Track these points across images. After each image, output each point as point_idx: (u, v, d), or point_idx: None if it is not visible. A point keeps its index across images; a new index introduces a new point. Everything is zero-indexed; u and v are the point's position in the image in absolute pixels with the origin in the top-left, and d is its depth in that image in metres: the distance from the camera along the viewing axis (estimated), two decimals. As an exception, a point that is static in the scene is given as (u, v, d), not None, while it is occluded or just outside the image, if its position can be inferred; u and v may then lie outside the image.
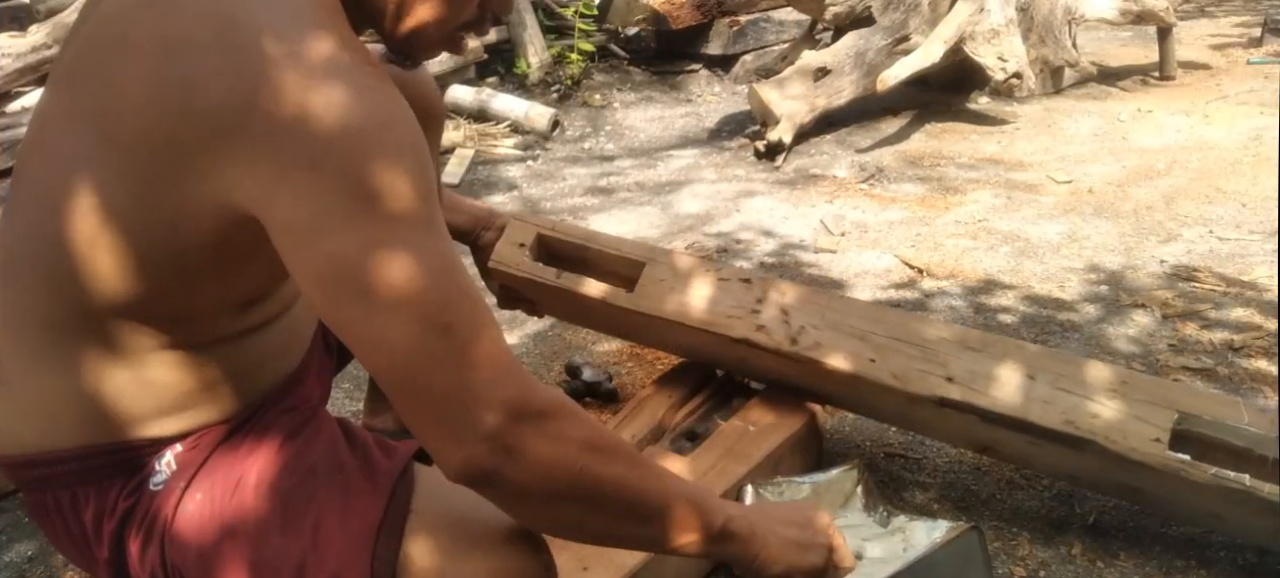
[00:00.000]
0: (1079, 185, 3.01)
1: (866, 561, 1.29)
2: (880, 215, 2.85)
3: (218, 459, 0.91)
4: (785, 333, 1.46)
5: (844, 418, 1.73)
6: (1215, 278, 2.28)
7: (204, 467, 0.90)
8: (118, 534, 0.90)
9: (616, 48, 4.75)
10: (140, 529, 0.89)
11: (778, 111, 3.44)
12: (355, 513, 0.86)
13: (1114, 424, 1.31)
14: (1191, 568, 1.36)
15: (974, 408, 1.36)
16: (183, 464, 0.89)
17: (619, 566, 1.17)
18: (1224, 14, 5.67)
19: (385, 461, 0.91)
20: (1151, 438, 1.28)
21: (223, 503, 0.88)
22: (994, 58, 3.71)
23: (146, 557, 0.89)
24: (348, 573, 0.83)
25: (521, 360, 0.82)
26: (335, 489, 0.88)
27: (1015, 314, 2.15)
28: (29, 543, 1.51)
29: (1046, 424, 1.32)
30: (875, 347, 1.43)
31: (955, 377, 1.38)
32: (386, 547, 0.84)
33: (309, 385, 1.04)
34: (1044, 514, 1.49)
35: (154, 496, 0.89)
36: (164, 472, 0.89)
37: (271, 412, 0.96)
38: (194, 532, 0.88)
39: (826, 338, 1.45)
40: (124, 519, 0.89)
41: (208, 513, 0.88)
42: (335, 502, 0.87)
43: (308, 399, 1.03)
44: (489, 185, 3.41)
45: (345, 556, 0.84)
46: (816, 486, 1.39)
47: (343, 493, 0.88)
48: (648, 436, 1.47)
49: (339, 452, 0.93)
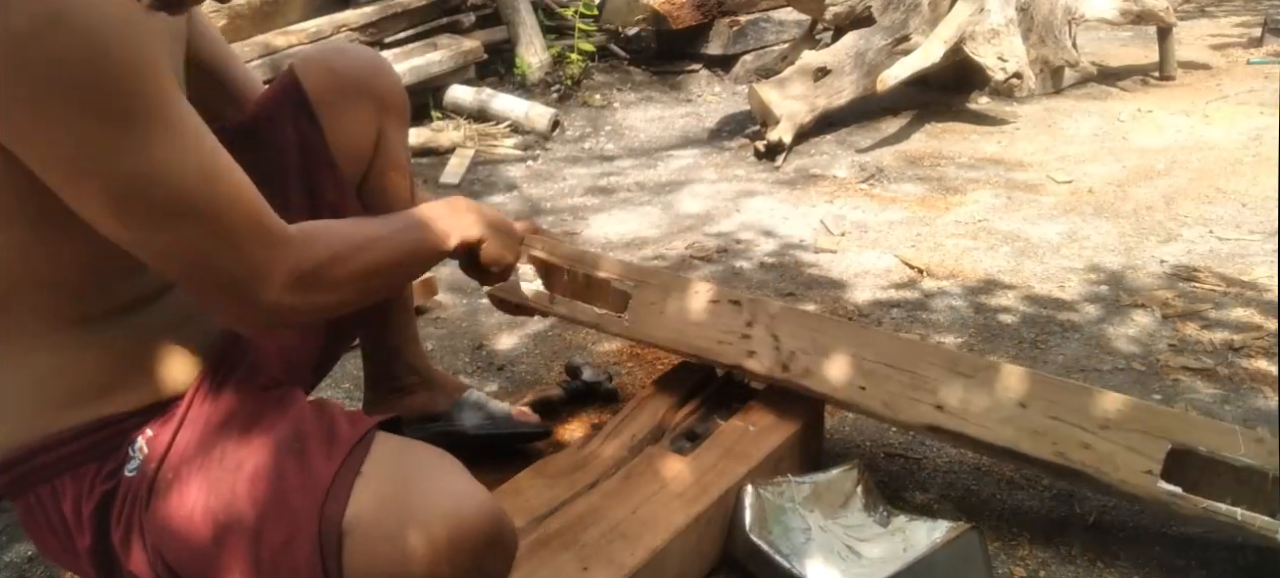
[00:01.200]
0: (1079, 185, 3.01)
1: (866, 560, 1.29)
2: (880, 215, 2.85)
3: (185, 438, 0.93)
4: (776, 359, 1.47)
5: (844, 418, 1.73)
6: (1215, 278, 2.28)
7: (172, 447, 0.92)
8: (97, 518, 0.91)
9: (617, 48, 4.75)
10: (121, 517, 0.91)
11: (778, 111, 3.44)
12: (309, 477, 0.88)
13: (1105, 456, 1.30)
14: (1191, 568, 1.36)
15: (965, 438, 1.36)
16: (154, 448, 0.92)
17: (619, 566, 1.17)
18: (1224, 14, 5.67)
19: (348, 429, 0.93)
20: (1143, 470, 1.28)
21: (192, 481, 0.90)
22: (994, 58, 3.71)
23: (131, 544, 0.91)
24: (299, 534, 0.85)
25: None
26: (292, 456, 0.90)
27: (1015, 314, 2.15)
28: (29, 543, 1.51)
29: (1038, 455, 1.32)
30: (865, 373, 1.43)
31: (945, 405, 1.38)
32: (334, 506, 0.85)
33: (264, 350, 1.06)
34: (1044, 514, 1.49)
35: (130, 481, 0.91)
36: (137, 457, 0.91)
37: (231, 382, 0.98)
38: (168, 512, 0.90)
39: (816, 364, 1.45)
40: (103, 503, 0.91)
41: (179, 492, 0.90)
42: (292, 469, 0.89)
43: (269, 365, 1.05)
44: (489, 185, 3.41)
45: (297, 516, 0.86)
46: (817, 485, 1.40)
47: (299, 460, 0.90)
48: (648, 436, 1.47)
49: (302, 424, 0.94)
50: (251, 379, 1.01)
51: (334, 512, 0.85)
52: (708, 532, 1.31)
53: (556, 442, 1.69)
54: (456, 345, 2.13)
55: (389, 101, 1.31)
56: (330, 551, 0.84)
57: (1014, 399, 1.37)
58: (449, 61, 4.09)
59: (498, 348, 2.11)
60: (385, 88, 1.31)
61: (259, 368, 1.04)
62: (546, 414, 1.75)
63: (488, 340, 2.15)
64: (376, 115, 1.30)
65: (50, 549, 0.97)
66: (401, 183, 1.37)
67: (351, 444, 0.90)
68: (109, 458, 0.91)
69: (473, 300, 2.37)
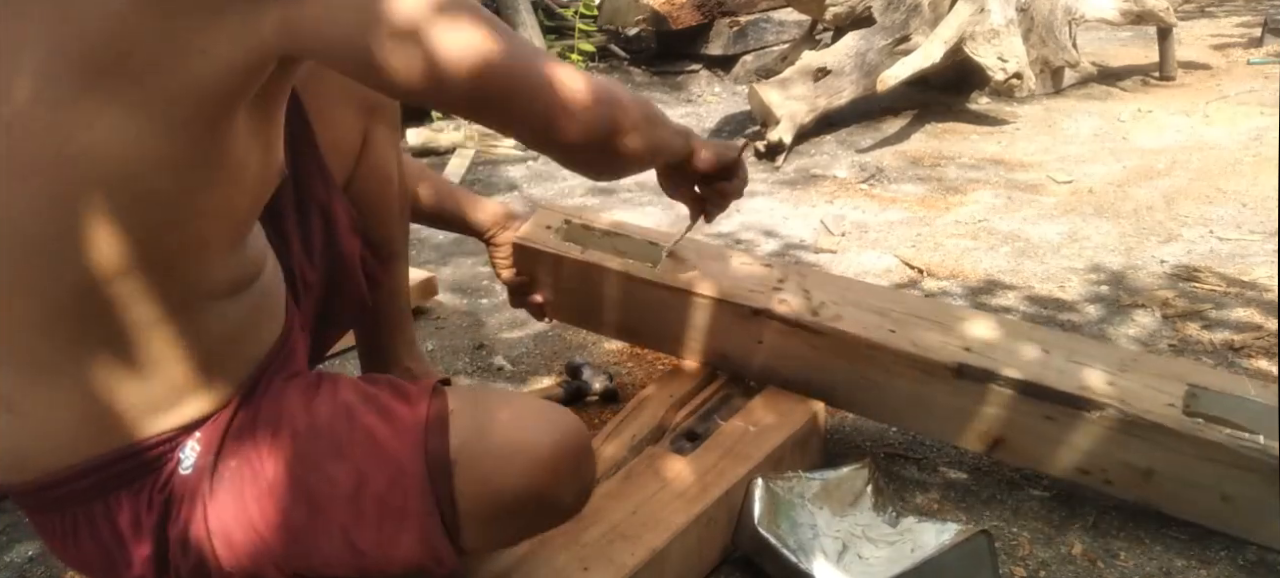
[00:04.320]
0: (1079, 185, 3.01)
1: (873, 560, 1.29)
2: (881, 216, 2.85)
3: (242, 428, 0.92)
4: (806, 305, 1.52)
5: (844, 418, 1.73)
6: (1216, 278, 2.28)
7: (228, 437, 0.92)
8: (159, 527, 0.90)
9: (617, 48, 4.75)
10: (179, 514, 0.90)
11: (778, 112, 3.44)
12: (399, 426, 0.92)
13: (1129, 391, 1.36)
14: (1191, 568, 1.36)
15: (992, 374, 1.40)
16: (207, 442, 0.91)
17: (619, 566, 1.17)
18: (1224, 14, 5.67)
19: (413, 386, 0.98)
20: (1166, 403, 1.34)
21: (262, 459, 0.91)
22: (994, 58, 3.71)
23: (190, 539, 0.90)
24: (404, 475, 0.90)
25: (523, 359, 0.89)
26: (373, 412, 0.94)
27: (1016, 314, 2.15)
28: (29, 543, 1.51)
29: (1063, 388, 1.37)
30: (895, 321, 1.49)
31: (973, 348, 1.44)
32: (437, 440, 0.91)
33: (298, 351, 1.07)
34: (1044, 514, 1.49)
35: (185, 479, 0.90)
36: (190, 456, 0.90)
37: (278, 378, 0.98)
38: (238, 494, 0.90)
39: (847, 312, 1.51)
40: (164, 511, 0.90)
41: (249, 474, 0.90)
42: (377, 422, 0.93)
43: (301, 365, 1.06)
44: (490, 185, 3.41)
45: (400, 458, 0.90)
46: (827, 482, 1.39)
47: (381, 415, 0.94)
48: (648, 436, 1.47)
49: (365, 387, 0.98)
50: (292, 373, 1.02)
51: (438, 446, 0.91)
52: (708, 532, 1.31)
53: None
54: (457, 346, 2.13)
55: (376, 103, 1.31)
56: (440, 480, 0.89)
57: (1037, 346, 1.46)
58: (449, 62, 4.09)
59: (498, 348, 2.11)
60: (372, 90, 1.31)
61: (297, 365, 1.05)
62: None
63: (488, 341, 2.15)
64: (363, 116, 1.30)
65: (87, 563, 0.94)
66: (387, 188, 1.37)
67: (428, 393, 0.95)
68: (163, 468, 0.89)
69: (473, 301, 2.37)
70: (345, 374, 1.03)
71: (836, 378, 1.52)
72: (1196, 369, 1.46)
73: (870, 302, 1.55)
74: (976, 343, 1.46)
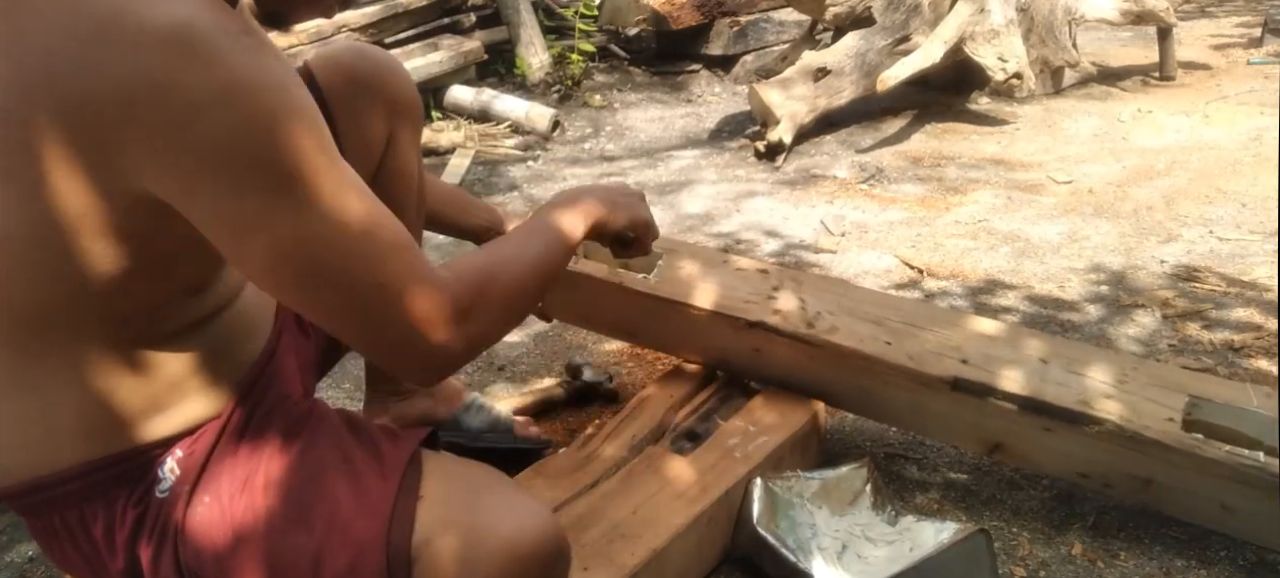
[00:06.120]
0: (1079, 185, 3.01)
1: (872, 559, 1.29)
2: (881, 216, 2.85)
3: (220, 461, 0.91)
4: (801, 317, 1.50)
5: (844, 418, 1.73)
6: (1216, 278, 2.28)
7: (207, 470, 0.90)
8: (130, 543, 0.89)
9: (617, 48, 4.75)
10: (151, 537, 0.89)
11: (778, 112, 3.44)
12: (368, 501, 0.88)
13: (1129, 405, 1.34)
14: (1191, 568, 1.36)
15: (988, 388, 1.38)
16: (186, 469, 0.90)
17: (619, 566, 1.17)
18: (1224, 14, 5.67)
19: (392, 449, 0.93)
20: (1165, 417, 1.32)
21: (233, 504, 0.89)
22: (994, 58, 3.71)
23: (160, 564, 0.89)
24: (364, 561, 0.85)
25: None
26: (344, 479, 0.90)
27: (1016, 314, 2.15)
28: (29, 543, 1.51)
29: (1061, 404, 1.35)
30: (891, 331, 1.48)
31: (970, 360, 1.42)
32: (400, 531, 0.86)
33: (288, 369, 1.05)
34: (1044, 514, 1.49)
35: (161, 503, 0.89)
36: (168, 478, 0.89)
37: (264, 405, 0.96)
38: (207, 535, 0.88)
39: (842, 323, 1.50)
40: (135, 528, 0.89)
41: (217, 516, 0.88)
42: (346, 492, 0.89)
43: (291, 384, 1.04)
44: (490, 186, 3.41)
45: (361, 543, 0.86)
46: (826, 481, 1.39)
47: (352, 483, 0.90)
48: (648, 436, 1.47)
49: (344, 444, 0.94)
50: (279, 399, 1.00)
51: (400, 538, 0.86)
52: (708, 532, 1.31)
53: (557, 443, 1.69)
54: (457, 346, 2.13)
55: (401, 105, 1.31)
56: (399, 574, 0.85)
57: (1035, 357, 1.44)
58: (450, 62, 4.10)
59: (498, 348, 2.11)
60: (398, 91, 1.30)
61: (286, 387, 1.03)
62: (547, 414, 1.75)
63: (488, 341, 2.15)
64: (388, 118, 1.30)
65: (72, 566, 0.95)
66: (408, 188, 1.36)
67: (403, 466, 0.90)
68: (139, 483, 0.89)
69: (473, 301, 2.37)
70: (332, 412, 1.00)
71: (834, 387, 1.52)
72: (1197, 378, 1.44)
73: (867, 310, 1.53)
74: (974, 354, 1.43)
